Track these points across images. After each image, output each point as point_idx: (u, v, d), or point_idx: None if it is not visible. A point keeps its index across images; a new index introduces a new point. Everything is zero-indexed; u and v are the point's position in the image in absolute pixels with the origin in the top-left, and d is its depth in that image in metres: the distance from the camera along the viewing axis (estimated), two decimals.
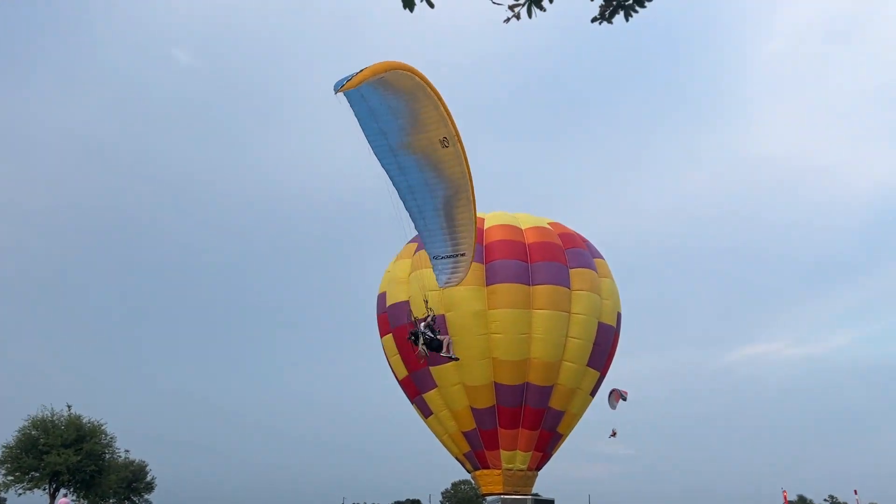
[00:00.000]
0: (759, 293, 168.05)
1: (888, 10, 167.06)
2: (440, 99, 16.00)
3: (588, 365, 36.08)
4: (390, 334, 37.60)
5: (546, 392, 35.22)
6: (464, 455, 36.91)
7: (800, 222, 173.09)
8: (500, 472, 35.29)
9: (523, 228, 37.54)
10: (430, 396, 36.47)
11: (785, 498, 47.22)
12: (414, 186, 17.32)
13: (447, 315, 35.44)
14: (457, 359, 23.69)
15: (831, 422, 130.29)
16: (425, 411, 37.32)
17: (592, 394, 37.39)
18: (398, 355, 37.18)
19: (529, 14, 7.47)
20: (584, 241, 39.11)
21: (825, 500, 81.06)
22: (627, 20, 7.59)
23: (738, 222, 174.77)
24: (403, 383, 37.97)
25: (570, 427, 37.35)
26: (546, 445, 36.37)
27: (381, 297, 38.93)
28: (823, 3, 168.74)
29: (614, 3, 7.41)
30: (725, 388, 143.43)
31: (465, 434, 36.06)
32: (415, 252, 38.26)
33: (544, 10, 7.41)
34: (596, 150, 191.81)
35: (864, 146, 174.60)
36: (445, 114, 16.13)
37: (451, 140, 16.35)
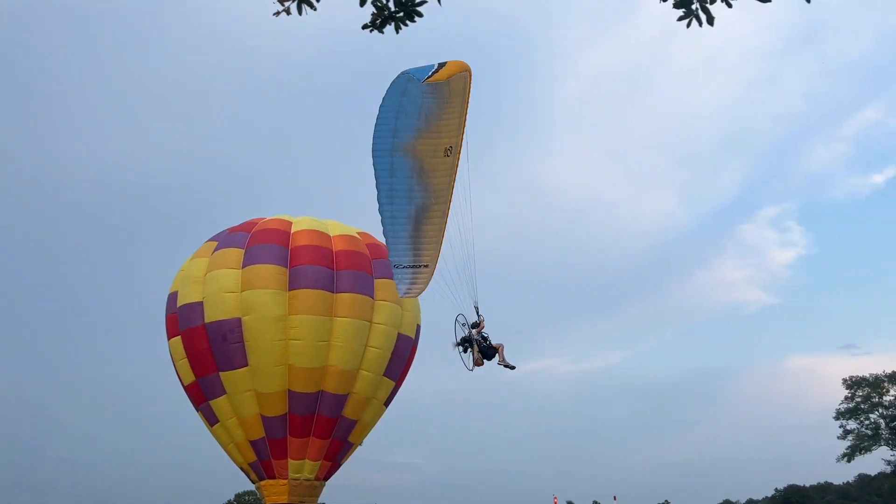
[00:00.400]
0: (547, 312, 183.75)
1: (671, 69, 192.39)
2: (466, 108, 15.94)
3: (385, 374, 36.46)
4: (179, 337, 35.20)
5: (341, 401, 35.01)
6: (249, 465, 35.42)
7: (585, 250, 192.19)
8: (286, 482, 34.33)
9: (332, 235, 37.20)
10: (218, 403, 34.60)
11: (556, 503, 51.26)
12: (396, 191, 17.07)
13: (244, 319, 34.03)
14: (514, 367, 22.60)
15: (599, 433, 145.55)
16: (211, 419, 35.32)
17: (386, 404, 37.80)
18: (185, 359, 34.87)
19: (300, 10, 7.41)
20: None
21: None
22: (398, 31, 7.81)
23: (531, 247, 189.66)
24: (189, 389, 35.65)
25: (362, 436, 37.39)
26: (336, 455, 36.07)
27: (172, 297, 36.34)
28: (621, 53, 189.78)
29: (385, 13, 7.61)
30: (511, 400, 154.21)
31: (253, 443, 34.64)
32: (213, 251, 36.34)
33: (315, 9, 7.40)
34: None
35: (638, 186, 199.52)
36: (463, 123, 16.10)
37: (454, 150, 16.26)
